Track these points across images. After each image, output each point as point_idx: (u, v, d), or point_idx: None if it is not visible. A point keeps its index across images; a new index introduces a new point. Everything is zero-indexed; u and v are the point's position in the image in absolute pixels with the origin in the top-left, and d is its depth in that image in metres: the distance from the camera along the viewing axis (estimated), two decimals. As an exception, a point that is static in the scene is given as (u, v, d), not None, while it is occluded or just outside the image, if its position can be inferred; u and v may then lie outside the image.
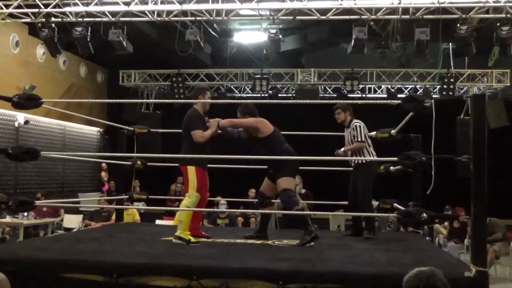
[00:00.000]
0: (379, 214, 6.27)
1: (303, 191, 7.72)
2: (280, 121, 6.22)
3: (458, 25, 9.96)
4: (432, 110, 4.60)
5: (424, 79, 14.29)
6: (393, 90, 14.92)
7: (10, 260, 4.41)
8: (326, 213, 8.94)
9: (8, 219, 10.44)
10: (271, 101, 5.98)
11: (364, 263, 4.69)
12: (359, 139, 6.37)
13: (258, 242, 5.81)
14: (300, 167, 7.47)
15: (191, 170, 5.81)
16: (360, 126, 6.45)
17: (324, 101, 13.70)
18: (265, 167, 6.23)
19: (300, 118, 11.49)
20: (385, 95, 14.98)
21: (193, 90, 6.46)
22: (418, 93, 14.52)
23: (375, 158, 6.45)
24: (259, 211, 6.52)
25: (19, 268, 4.24)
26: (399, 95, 14.21)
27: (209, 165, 6.13)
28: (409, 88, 14.77)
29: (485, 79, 14.18)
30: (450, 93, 13.37)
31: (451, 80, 13.42)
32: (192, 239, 5.63)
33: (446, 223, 10.73)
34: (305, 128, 7.44)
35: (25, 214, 10.35)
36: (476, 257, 4.00)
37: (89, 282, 4.19)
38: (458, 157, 4.45)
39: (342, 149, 6.61)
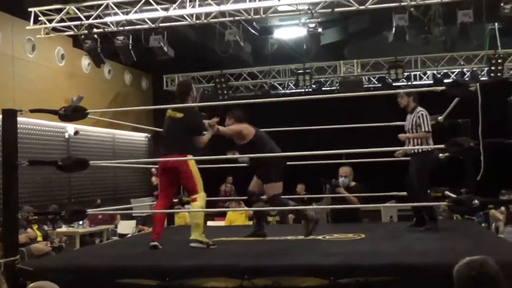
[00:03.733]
0: (431, 203, 6.11)
1: (353, 183, 7.61)
2: (325, 114, 6.17)
3: (502, 3, 9.67)
4: (478, 93, 4.48)
5: (471, 62, 13.95)
6: (439, 76, 14.64)
7: (67, 269, 4.51)
8: (376, 205, 8.87)
9: (64, 228, 10.70)
10: (316, 96, 5.93)
11: (417, 253, 4.61)
12: (426, 129, 6.12)
13: (309, 238, 5.77)
14: (351, 160, 7.44)
15: (194, 166, 5.70)
16: (425, 115, 6.18)
17: (368, 93, 13.60)
18: (309, 162, 6.19)
19: (346, 110, 11.40)
20: (431, 81, 14.70)
21: (186, 85, 6.20)
22: (465, 76, 14.23)
23: (431, 146, 6.17)
24: (309, 207, 6.49)
25: (75, 276, 4.33)
26: (445, 80, 13.92)
27: None
28: (456, 72, 14.46)
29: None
30: (499, 74, 13.03)
31: (499, 61, 13.08)
32: (210, 242, 5.48)
33: (503, 208, 10.45)
34: (351, 120, 7.36)
35: (80, 222, 10.59)
36: (533, 242, 3.89)
37: (143, 286, 4.24)
38: (510, 140, 4.33)
39: (403, 135, 6.39)
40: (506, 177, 10.10)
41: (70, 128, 12.59)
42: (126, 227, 11.59)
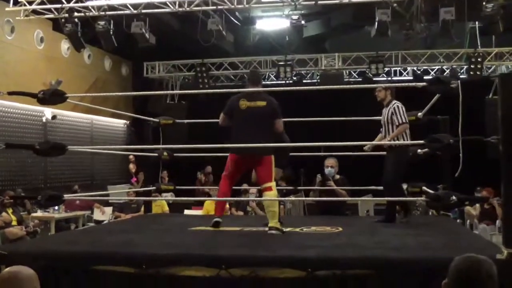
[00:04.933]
0: (408, 198, 6.17)
1: (338, 176, 7.65)
2: (305, 107, 6.15)
3: (484, 3, 9.75)
4: (459, 91, 4.51)
5: (451, 60, 14.07)
6: (419, 72, 14.73)
7: (41, 254, 4.46)
8: (354, 198, 8.93)
9: (39, 213, 10.60)
10: (296, 88, 5.92)
11: (394, 248, 4.64)
12: (401, 121, 6.14)
13: (287, 229, 5.78)
14: (332, 153, 7.48)
15: (272, 158, 5.70)
16: (400, 107, 6.20)
17: (349, 86, 13.65)
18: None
19: (325, 103, 11.41)
20: (411, 77, 14.79)
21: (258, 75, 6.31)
22: (445, 74, 14.32)
23: (406, 142, 6.21)
24: (289, 198, 6.50)
25: (50, 262, 4.28)
26: (425, 77, 14.01)
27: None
28: (435, 70, 14.57)
29: (513, 57, 13.91)
30: (478, 73, 13.16)
31: (479, 59, 13.21)
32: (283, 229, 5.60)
33: (477, 205, 10.58)
34: (331, 114, 7.37)
35: (56, 208, 10.49)
36: (507, 239, 3.93)
37: (119, 273, 4.21)
38: (487, 138, 4.37)
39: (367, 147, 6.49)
40: (480, 174, 10.21)
41: (47, 112, 12.44)
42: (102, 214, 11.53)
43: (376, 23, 10.28)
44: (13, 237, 8.86)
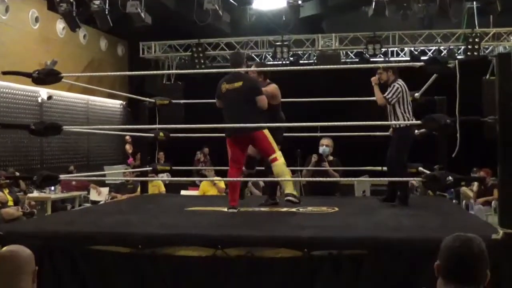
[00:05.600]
0: (405, 179, 6.15)
1: (331, 158, 7.65)
2: (302, 87, 6.11)
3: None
4: (456, 71, 4.49)
5: (448, 40, 14.01)
6: (416, 53, 14.68)
7: (37, 234, 4.45)
8: (350, 179, 8.94)
9: (35, 193, 10.60)
10: (293, 67, 5.87)
11: (390, 228, 4.65)
12: (387, 96, 6.10)
13: (283, 209, 5.79)
14: (329, 133, 7.48)
15: (264, 132, 5.67)
16: (397, 87, 6.12)
17: (346, 66, 13.60)
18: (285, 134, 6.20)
19: (322, 84, 11.38)
20: (408, 58, 14.75)
21: (237, 57, 6.17)
22: (442, 54, 14.30)
23: (404, 121, 6.14)
24: (268, 179, 6.48)
25: (46, 242, 4.28)
26: (422, 57, 13.97)
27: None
28: (432, 50, 14.52)
29: (511, 38, 13.85)
30: (475, 53, 13.13)
31: (476, 40, 13.18)
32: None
33: (475, 188, 10.59)
34: (327, 94, 7.35)
35: (52, 188, 10.49)
36: (503, 219, 3.94)
37: (115, 253, 4.21)
38: (484, 118, 4.36)
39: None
40: (477, 155, 10.22)
41: (43, 92, 12.40)
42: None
43: (374, 3, 10.24)
44: (10, 218, 8.86)
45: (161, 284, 4.14)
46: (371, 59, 14.22)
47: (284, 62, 14.42)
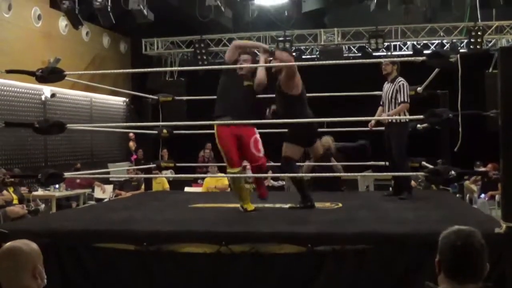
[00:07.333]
0: (408, 173, 6.17)
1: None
2: (304, 82, 6.09)
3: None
4: (458, 65, 4.49)
5: (451, 34, 13.97)
6: (419, 47, 14.65)
7: (43, 232, 4.48)
8: (354, 174, 8.93)
9: (40, 191, 10.63)
10: (295, 63, 5.87)
11: (393, 222, 4.67)
12: (404, 99, 6.15)
13: (287, 206, 5.79)
14: (330, 129, 7.46)
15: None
16: (406, 86, 6.19)
17: (348, 61, 13.58)
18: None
19: (325, 79, 11.36)
20: (411, 52, 14.72)
21: None
22: (445, 48, 14.25)
23: (406, 117, 6.19)
24: (285, 174, 6.47)
25: (52, 240, 4.30)
26: (425, 51, 13.94)
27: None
28: (435, 44, 14.49)
29: (514, 31, 13.82)
30: (478, 46, 13.09)
31: (479, 33, 13.14)
32: None
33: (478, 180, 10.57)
34: (330, 89, 7.34)
35: (56, 186, 10.51)
36: (506, 213, 3.94)
37: (121, 251, 4.24)
38: (486, 112, 4.36)
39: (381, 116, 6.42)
40: (480, 148, 10.20)
41: (46, 90, 12.41)
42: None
43: (376, -3, 10.22)
44: (15, 216, 8.88)
45: (166, 281, 4.16)
46: (374, 54, 14.20)
47: (286, 57, 14.37)
